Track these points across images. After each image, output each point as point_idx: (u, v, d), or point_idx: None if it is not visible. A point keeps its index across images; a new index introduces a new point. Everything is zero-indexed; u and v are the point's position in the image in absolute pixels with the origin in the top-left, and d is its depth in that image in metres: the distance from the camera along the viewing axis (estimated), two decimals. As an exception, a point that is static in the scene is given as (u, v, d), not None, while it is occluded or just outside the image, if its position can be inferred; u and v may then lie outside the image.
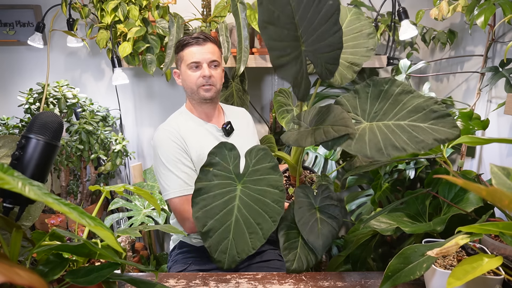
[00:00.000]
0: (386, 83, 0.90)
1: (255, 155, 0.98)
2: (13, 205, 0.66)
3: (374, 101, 0.90)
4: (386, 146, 0.79)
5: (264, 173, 0.94)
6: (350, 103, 0.93)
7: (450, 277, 0.62)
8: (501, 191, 0.46)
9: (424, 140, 0.77)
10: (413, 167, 1.68)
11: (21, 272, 0.40)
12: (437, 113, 0.80)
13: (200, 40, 1.30)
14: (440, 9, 1.53)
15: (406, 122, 0.83)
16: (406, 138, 0.79)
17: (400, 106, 0.86)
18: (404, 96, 0.87)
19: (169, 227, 0.85)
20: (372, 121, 0.88)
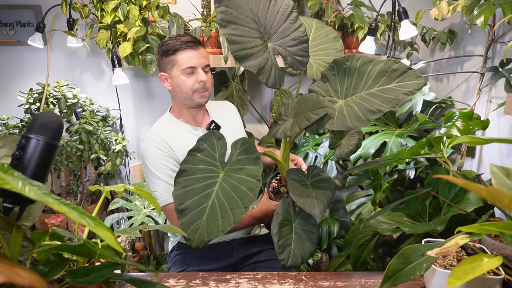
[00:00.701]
0: (347, 60, 0.98)
1: (240, 146, 1.02)
2: (13, 205, 0.66)
3: (342, 79, 0.98)
4: (364, 113, 0.86)
5: (246, 164, 0.99)
6: (322, 89, 1.00)
7: (450, 277, 0.62)
8: (501, 191, 0.46)
9: (395, 97, 0.85)
10: (413, 167, 1.68)
11: (21, 272, 0.40)
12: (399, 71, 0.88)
13: (194, 45, 1.27)
14: (440, 9, 1.53)
15: (376, 88, 0.90)
16: (379, 101, 0.87)
17: (365, 77, 0.94)
18: (366, 66, 0.95)
19: (169, 227, 0.85)
20: (346, 97, 0.95)
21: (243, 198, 0.94)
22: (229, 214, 0.93)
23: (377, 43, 2.03)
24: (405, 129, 1.79)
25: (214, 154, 1.03)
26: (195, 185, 0.99)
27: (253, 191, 0.94)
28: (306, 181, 1.05)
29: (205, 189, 0.98)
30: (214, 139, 1.05)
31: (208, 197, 0.97)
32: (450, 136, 1.38)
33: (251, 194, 0.94)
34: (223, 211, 0.94)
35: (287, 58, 1.02)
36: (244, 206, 0.93)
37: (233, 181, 0.97)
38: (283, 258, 0.98)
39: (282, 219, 1.04)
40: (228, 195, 0.96)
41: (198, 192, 0.98)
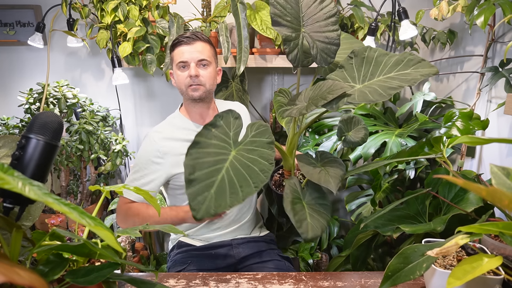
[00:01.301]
0: (365, 51, 1.06)
1: (256, 128, 1.03)
2: (13, 205, 0.66)
3: (360, 68, 1.05)
4: (384, 90, 0.92)
5: (259, 146, 1.00)
6: (339, 76, 1.06)
7: (450, 277, 0.62)
8: (501, 191, 0.46)
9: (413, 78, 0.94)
10: (413, 167, 1.68)
11: (21, 272, 0.40)
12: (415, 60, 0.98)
13: (190, 39, 1.29)
14: (440, 9, 1.53)
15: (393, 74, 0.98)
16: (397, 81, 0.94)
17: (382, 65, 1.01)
18: (383, 57, 1.03)
19: (169, 227, 0.85)
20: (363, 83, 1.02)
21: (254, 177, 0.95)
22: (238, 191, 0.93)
23: (377, 43, 2.03)
24: (405, 129, 1.78)
25: (229, 132, 1.04)
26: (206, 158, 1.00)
27: (265, 173, 0.94)
28: (317, 164, 1.09)
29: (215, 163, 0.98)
30: (231, 118, 1.06)
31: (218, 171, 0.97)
32: (450, 136, 1.38)
33: (263, 176, 0.94)
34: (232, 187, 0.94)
35: (313, 49, 1.08)
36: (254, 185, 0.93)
37: (245, 160, 0.99)
38: (303, 231, 0.99)
39: (292, 198, 1.05)
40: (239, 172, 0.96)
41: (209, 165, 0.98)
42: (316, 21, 1.10)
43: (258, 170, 0.96)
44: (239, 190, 0.93)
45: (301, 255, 1.95)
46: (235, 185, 0.94)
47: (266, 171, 0.95)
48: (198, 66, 1.30)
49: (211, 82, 1.34)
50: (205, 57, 1.31)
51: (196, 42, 1.30)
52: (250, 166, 0.97)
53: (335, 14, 1.10)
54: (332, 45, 1.09)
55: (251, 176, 0.95)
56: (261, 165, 0.96)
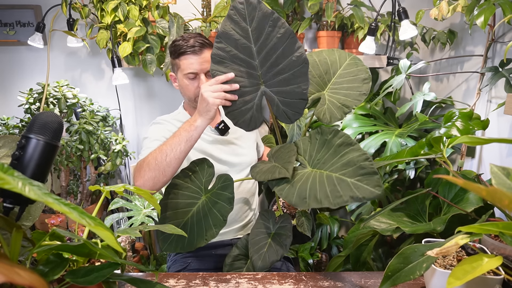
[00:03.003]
0: (330, 133, 0.95)
1: (222, 181, 1.08)
2: (13, 205, 0.66)
3: (320, 148, 0.96)
4: (309, 196, 0.86)
5: (222, 200, 1.06)
6: (303, 147, 1.00)
7: (450, 277, 0.62)
8: (501, 191, 0.46)
9: (342, 196, 0.83)
10: (413, 167, 1.68)
11: (21, 272, 0.40)
12: (365, 170, 0.85)
13: (197, 49, 1.24)
14: (440, 9, 1.53)
15: (337, 174, 0.88)
16: (329, 191, 0.85)
17: (337, 158, 0.92)
18: (344, 148, 0.91)
19: (169, 227, 0.85)
20: (314, 167, 0.95)
21: (208, 230, 1.03)
22: (194, 239, 1.04)
23: (377, 43, 2.03)
24: (405, 129, 1.79)
25: (202, 178, 1.11)
26: (180, 199, 1.09)
27: (216, 228, 1.03)
28: (272, 229, 1.09)
29: (186, 206, 1.08)
30: (205, 166, 1.12)
31: (186, 214, 1.07)
32: (450, 136, 1.38)
33: (214, 230, 1.03)
34: (191, 232, 1.05)
35: (275, 107, 1.02)
36: (205, 238, 1.03)
37: (207, 210, 1.06)
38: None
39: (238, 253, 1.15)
40: (199, 221, 1.06)
41: (180, 206, 1.08)
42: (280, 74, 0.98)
43: (212, 224, 1.03)
44: (195, 238, 1.04)
45: (301, 255, 1.95)
46: (194, 231, 1.04)
47: (218, 227, 1.03)
48: (207, 76, 1.27)
49: None
50: None
51: (204, 51, 1.25)
52: (208, 218, 1.05)
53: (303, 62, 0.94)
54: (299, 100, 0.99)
55: (206, 228, 1.04)
56: (216, 219, 1.04)
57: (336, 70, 1.14)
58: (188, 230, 1.04)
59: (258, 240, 1.06)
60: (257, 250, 1.03)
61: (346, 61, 1.16)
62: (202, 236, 1.03)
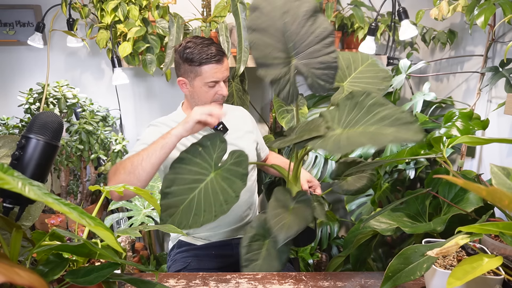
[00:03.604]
0: (362, 95, 0.96)
1: (236, 156, 1.05)
2: (13, 205, 0.66)
3: (350, 111, 0.96)
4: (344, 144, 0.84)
5: (234, 175, 1.02)
6: (331, 115, 0.99)
7: (450, 277, 0.62)
8: (501, 191, 0.46)
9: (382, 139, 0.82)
10: (413, 167, 1.68)
11: (21, 272, 0.40)
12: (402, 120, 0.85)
13: (220, 58, 1.27)
14: (440, 9, 1.53)
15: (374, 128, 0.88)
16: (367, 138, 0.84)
17: (371, 115, 0.91)
18: (377, 107, 0.92)
19: (169, 227, 0.85)
20: (345, 128, 0.94)
21: (217, 207, 0.99)
22: (201, 215, 0.98)
23: (377, 43, 2.03)
24: (405, 129, 1.78)
25: (213, 154, 1.07)
26: (186, 175, 1.04)
27: (228, 204, 0.99)
28: (290, 204, 1.05)
29: (193, 182, 1.03)
30: (217, 140, 1.08)
31: (191, 190, 1.02)
32: (450, 136, 1.38)
33: (225, 207, 0.98)
34: (197, 209, 0.99)
35: (308, 79, 1.02)
36: (215, 214, 0.98)
37: (216, 186, 1.02)
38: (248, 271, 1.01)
39: (255, 233, 1.07)
40: (207, 197, 1.00)
41: (186, 182, 1.03)
42: (308, 47, 1.01)
43: (223, 200, 0.99)
44: (202, 214, 0.98)
45: (301, 255, 1.95)
46: (201, 208, 0.99)
47: (229, 203, 0.98)
48: (224, 83, 1.31)
49: None
50: (228, 72, 1.33)
51: (224, 60, 1.29)
52: (218, 193, 1.00)
53: (329, 34, 0.99)
54: (329, 70, 1.01)
55: (215, 204, 0.99)
56: (227, 195, 0.99)
57: (357, 66, 1.19)
58: (194, 207, 0.99)
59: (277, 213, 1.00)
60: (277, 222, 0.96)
61: (368, 61, 1.22)
62: (211, 213, 0.98)
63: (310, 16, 0.99)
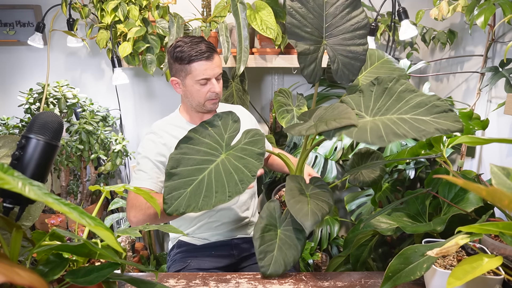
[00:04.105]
0: (391, 81, 0.93)
1: (251, 136, 1.00)
2: (13, 205, 0.66)
3: (378, 98, 0.93)
4: (387, 134, 0.80)
5: (248, 155, 0.97)
6: (354, 101, 0.95)
7: (450, 277, 0.62)
8: (501, 191, 0.46)
9: (425, 129, 0.79)
10: (413, 167, 1.68)
11: (21, 272, 0.40)
12: (440, 108, 0.82)
13: (210, 55, 1.25)
14: (440, 9, 1.53)
15: (409, 115, 0.84)
16: (407, 127, 0.80)
17: (403, 102, 0.88)
18: (408, 94, 0.89)
19: (169, 227, 0.85)
20: (375, 116, 0.90)
21: (232, 187, 0.93)
22: (212, 196, 0.93)
23: (377, 43, 2.03)
24: (405, 129, 1.78)
25: (224, 134, 1.03)
26: (194, 155, 0.99)
27: (243, 184, 0.93)
28: (306, 191, 1.01)
29: (201, 163, 0.98)
30: (230, 120, 1.04)
31: (200, 171, 0.97)
32: (450, 136, 1.37)
33: (240, 186, 0.92)
34: (208, 190, 0.93)
35: (334, 64, 1.01)
36: (229, 195, 0.92)
37: (230, 166, 0.96)
38: (264, 264, 0.96)
39: (266, 224, 1.02)
40: (219, 177, 0.95)
41: (194, 163, 0.98)
42: (342, 33, 1.01)
43: (238, 179, 0.93)
44: (214, 195, 0.92)
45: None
46: (211, 189, 0.93)
47: (245, 183, 0.93)
48: (217, 81, 1.30)
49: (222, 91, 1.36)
50: (221, 70, 1.31)
51: (214, 57, 1.27)
52: (232, 173, 0.95)
53: (364, 26, 0.99)
54: (356, 61, 1.00)
55: (229, 185, 0.93)
56: (242, 175, 0.94)
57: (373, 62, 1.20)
58: (204, 189, 0.94)
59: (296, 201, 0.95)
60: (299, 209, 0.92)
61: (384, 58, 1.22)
62: (224, 194, 0.92)
63: (350, 3, 1.00)
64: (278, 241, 1.00)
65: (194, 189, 0.94)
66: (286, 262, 0.97)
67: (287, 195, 0.97)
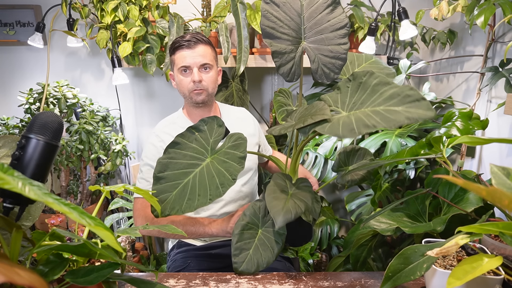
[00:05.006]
0: (365, 76, 0.94)
1: (233, 140, 1.03)
2: (13, 205, 0.66)
3: (354, 93, 0.94)
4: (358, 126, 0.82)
5: (231, 159, 1.00)
6: (332, 99, 0.98)
7: (450, 277, 0.62)
8: (501, 191, 0.46)
9: (395, 118, 0.80)
10: (413, 167, 1.68)
11: (21, 272, 0.40)
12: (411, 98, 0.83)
13: (192, 43, 1.26)
14: (440, 9, 1.53)
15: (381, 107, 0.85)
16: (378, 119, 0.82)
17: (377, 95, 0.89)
18: (382, 86, 0.90)
19: (169, 227, 0.85)
20: (350, 111, 0.92)
21: (213, 190, 0.96)
22: (195, 199, 0.96)
23: (377, 43, 2.03)
24: (405, 129, 1.78)
25: (209, 138, 1.05)
26: (181, 160, 1.02)
27: (224, 187, 0.96)
28: (289, 190, 1.02)
29: (187, 167, 1.01)
30: (215, 124, 1.06)
31: (186, 175, 1.00)
32: (450, 136, 1.38)
33: (221, 189, 0.96)
34: (191, 193, 0.97)
35: (314, 64, 1.02)
36: (210, 198, 0.96)
37: (213, 170, 0.99)
38: (237, 261, 0.99)
39: (248, 222, 1.04)
40: (202, 181, 0.98)
41: (181, 167, 1.01)
42: (321, 33, 1.02)
43: (219, 183, 0.97)
44: (196, 198, 0.96)
45: (301, 255, 1.95)
46: (195, 192, 0.97)
47: (225, 186, 0.96)
48: (200, 71, 1.28)
49: (213, 85, 1.34)
50: (207, 61, 1.29)
51: (198, 46, 1.27)
52: (214, 177, 0.98)
53: (345, 26, 1.01)
54: (337, 60, 1.01)
55: (210, 188, 0.97)
56: (223, 178, 0.97)
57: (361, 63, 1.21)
58: (188, 192, 0.98)
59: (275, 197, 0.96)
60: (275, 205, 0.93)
61: (371, 59, 1.23)
62: (206, 197, 0.96)
63: (330, 5, 1.01)
64: (257, 241, 1.02)
65: (179, 192, 0.98)
66: (259, 263, 0.99)
67: (267, 191, 0.98)
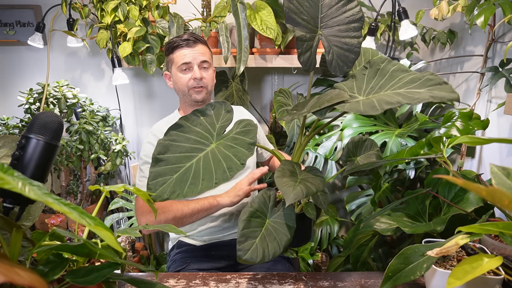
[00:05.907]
0: (383, 62, 0.94)
1: (243, 126, 0.99)
2: (13, 205, 0.66)
3: (371, 79, 0.94)
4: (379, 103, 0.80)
5: (239, 144, 0.96)
6: (347, 86, 0.97)
7: (450, 277, 0.62)
8: (501, 191, 0.46)
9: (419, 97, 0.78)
10: (413, 167, 1.68)
11: (21, 272, 0.40)
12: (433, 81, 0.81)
13: (191, 42, 1.28)
14: (440, 9, 1.53)
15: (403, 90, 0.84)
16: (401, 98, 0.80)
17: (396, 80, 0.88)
18: (401, 73, 0.90)
19: (169, 227, 0.85)
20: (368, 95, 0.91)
21: (219, 174, 0.92)
22: (198, 183, 0.91)
23: (377, 43, 2.03)
24: (405, 129, 1.78)
25: (216, 123, 1.01)
26: (184, 143, 0.98)
27: (231, 171, 0.91)
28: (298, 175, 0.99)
29: (190, 151, 0.97)
30: (222, 110, 1.03)
31: (189, 159, 0.95)
32: (450, 136, 1.37)
33: (228, 173, 0.91)
34: (195, 178, 0.92)
35: (329, 55, 1.01)
36: (215, 181, 0.91)
37: (219, 154, 0.95)
38: (242, 248, 0.91)
39: (257, 209, 0.99)
40: (207, 165, 0.94)
41: (183, 150, 0.97)
42: (336, 24, 1.02)
43: (226, 167, 0.92)
44: (200, 183, 0.91)
45: (301, 255, 1.95)
46: (198, 177, 0.92)
47: (233, 170, 0.92)
48: (200, 68, 1.30)
49: (212, 83, 1.36)
50: (207, 58, 1.32)
51: (197, 45, 1.30)
52: (221, 161, 0.94)
53: (359, 19, 1.00)
54: (350, 53, 1.01)
55: (216, 172, 0.92)
56: (231, 162, 0.93)
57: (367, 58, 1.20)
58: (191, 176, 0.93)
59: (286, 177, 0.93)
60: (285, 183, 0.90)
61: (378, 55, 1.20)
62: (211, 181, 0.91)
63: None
64: (264, 231, 0.97)
65: (180, 176, 0.93)
66: (265, 254, 0.93)
67: (277, 173, 0.95)
